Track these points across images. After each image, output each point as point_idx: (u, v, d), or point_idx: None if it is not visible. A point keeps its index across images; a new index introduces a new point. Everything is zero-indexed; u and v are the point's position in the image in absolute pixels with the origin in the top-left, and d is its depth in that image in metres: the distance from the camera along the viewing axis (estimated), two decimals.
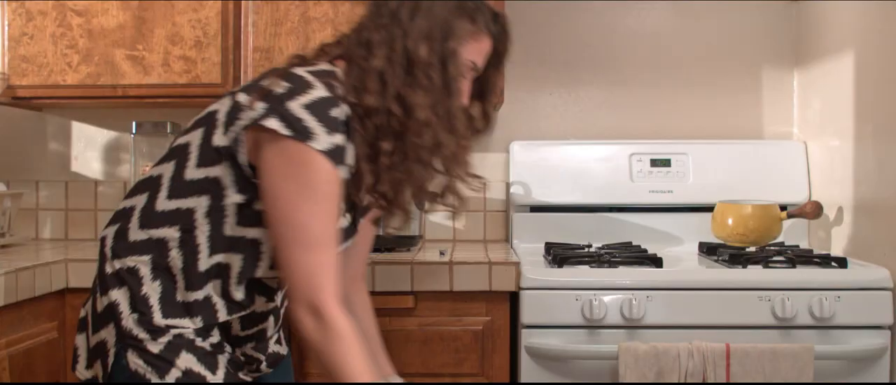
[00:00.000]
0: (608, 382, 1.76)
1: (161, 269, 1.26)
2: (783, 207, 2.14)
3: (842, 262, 1.85)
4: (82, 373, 1.32)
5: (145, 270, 1.26)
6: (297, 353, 1.87)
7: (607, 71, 2.47)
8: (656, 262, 1.87)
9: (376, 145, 1.27)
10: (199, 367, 1.24)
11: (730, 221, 2.09)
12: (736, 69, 2.45)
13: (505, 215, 2.45)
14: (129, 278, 1.26)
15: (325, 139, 1.19)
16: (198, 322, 1.27)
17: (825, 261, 1.87)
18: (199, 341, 1.27)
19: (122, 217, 1.32)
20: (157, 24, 2.12)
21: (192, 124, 1.32)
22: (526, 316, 1.78)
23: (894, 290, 1.77)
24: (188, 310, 1.26)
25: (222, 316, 1.29)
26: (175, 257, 1.26)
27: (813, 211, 2.12)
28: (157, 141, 2.30)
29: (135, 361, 1.23)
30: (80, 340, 1.33)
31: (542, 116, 2.47)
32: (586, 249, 2.12)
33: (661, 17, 2.47)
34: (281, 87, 1.20)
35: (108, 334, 1.27)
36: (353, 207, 1.37)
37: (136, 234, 1.28)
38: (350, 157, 1.27)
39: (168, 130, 2.26)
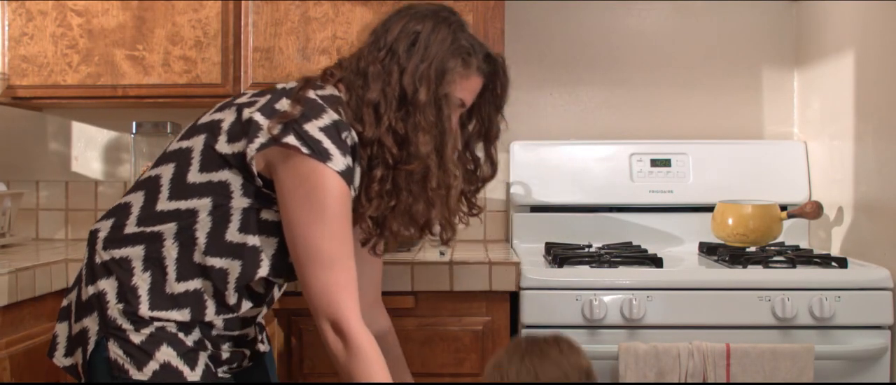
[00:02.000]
0: (608, 382, 1.76)
1: (152, 261, 1.29)
2: (783, 207, 2.14)
3: (842, 262, 1.85)
4: (61, 360, 1.36)
5: (137, 262, 1.29)
6: (299, 353, 1.87)
7: (607, 71, 2.47)
8: (656, 262, 1.87)
9: (369, 173, 1.32)
10: (177, 363, 1.26)
11: (730, 221, 2.09)
12: (736, 69, 2.45)
13: (505, 215, 2.45)
14: (118, 269, 1.29)
15: (340, 160, 1.24)
16: (185, 315, 1.29)
17: (825, 261, 1.87)
18: (181, 336, 1.28)
19: (118, 213, 1.34)
20: (158, 24, 2.12)
21: (192, 130, 1.35)
22: (526, 316, 1.78)
23: (894, 290, 1.77)
24: (176, 302, 1.28)
25: (210, 314, 1.31)
26: (169, 247, 1.28)
27: (813, 211, 2.12)
28: (157, 141, 2.30)
29: (115, 351, 1.26)
30: (61, 329, 1.36)
31: (542, 116, 2.47)
32: (586, 249, 2.11)
33: (661, 17, 2.47)
34: (296, 110, 1.25)
35: (90, 322, 1.29)
36: None
37: (131, 229, 1.31)
38: (357, 179, 1.31)
39: (168, 130, 2.26)
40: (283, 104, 1.28)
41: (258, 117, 1.27)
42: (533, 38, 2.46)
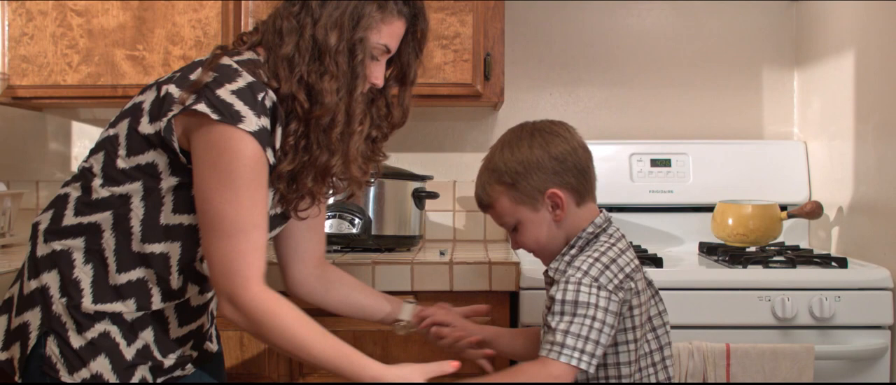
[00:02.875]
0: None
1: (93, 253, 1.28)
2: (783, 207, 2.14)
3: (842, 262, 1.85)
4: None
5: (78, 254, 1.28)
6: None
7: (607, 71, 2.47)
8: (656, 261, 1.87)
9: (285, 128, 1.30)
10: (110, 376, 1.25)
11: (730, 221, 2.09)
12: (736, 69, 2.46)
13: None
14: (60, 261, 1.28)
15: (253, 121, 1.21)
16: (130, 306, 1.28)
17: (825, 261, 1.87)
18: (123, 347, 1.27)
19: (57, 204, 1.33)
20: (158, 24, 2.12)
21: (118, 117, 1.34)
22: (526, 316, 1.77)
23: (894, 290, 1.77)
24: (120, 293, 1.27)
25: (156, 302, 1.30)
26: (108, 239, 1.27)
27: (813, 211, 2.12)
28: None
29: (52, 349, 1.25)
30: (0, 323, 1.34)
31: (542, 116, 2.44)
32: None
33: (661, 17, 2.47)
34: (209, 76, 1.23)
35: (32, 317, 1.28)
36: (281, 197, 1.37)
37: (69, 220, 1.30)
38: (277, 142, 1.28)
39: None
40: (197, 74, 1.26)
41: (172, 90, 1.26)
42: (533, 38, 2.46)
